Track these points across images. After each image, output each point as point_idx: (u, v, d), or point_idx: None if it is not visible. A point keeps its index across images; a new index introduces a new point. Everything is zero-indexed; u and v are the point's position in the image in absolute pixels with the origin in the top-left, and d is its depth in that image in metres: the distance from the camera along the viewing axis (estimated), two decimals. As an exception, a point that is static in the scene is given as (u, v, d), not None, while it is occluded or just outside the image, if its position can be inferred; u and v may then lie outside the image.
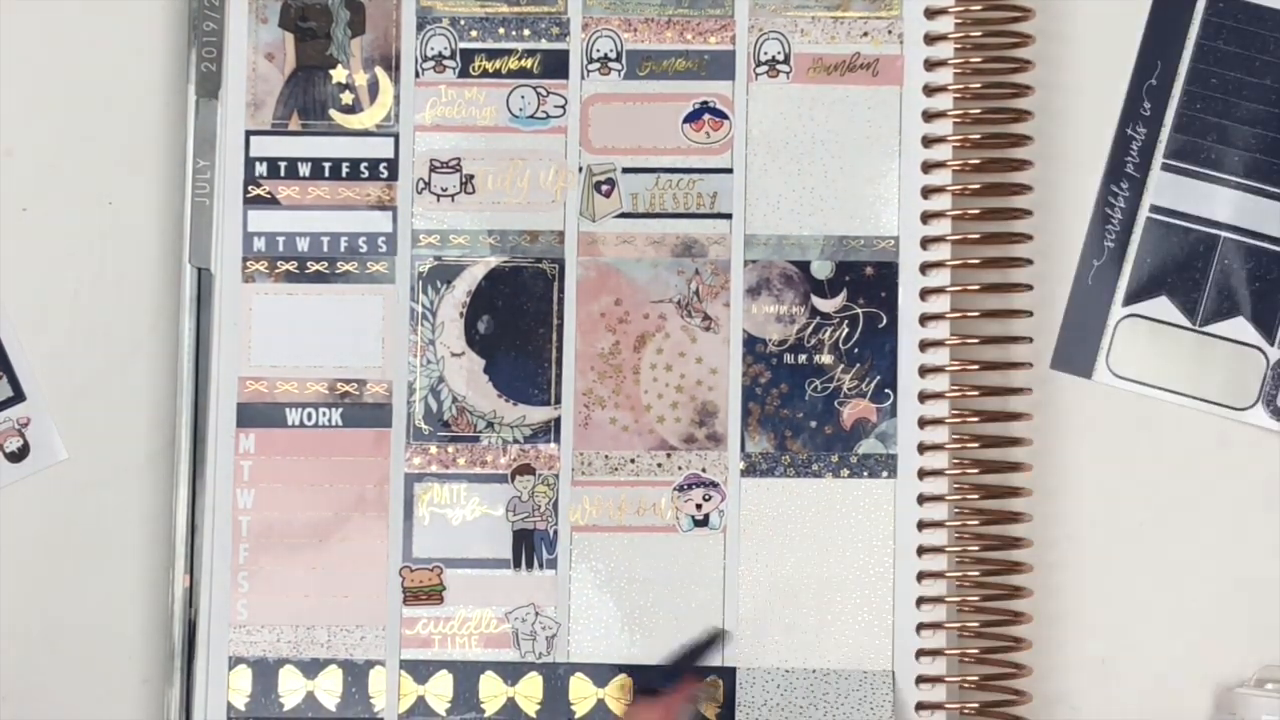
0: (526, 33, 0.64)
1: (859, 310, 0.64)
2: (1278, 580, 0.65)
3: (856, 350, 0.64)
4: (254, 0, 0.64)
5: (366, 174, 0.64)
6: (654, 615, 0.63)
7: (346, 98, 0.64)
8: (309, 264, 0.64)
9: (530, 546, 0.63)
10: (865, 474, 0.63)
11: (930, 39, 0.64)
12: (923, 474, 0.63)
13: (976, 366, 0.63)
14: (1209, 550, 0.65)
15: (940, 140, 0.64)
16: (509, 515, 0.63)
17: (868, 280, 0.64)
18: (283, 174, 0.64)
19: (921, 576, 0.63)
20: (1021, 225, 0.64)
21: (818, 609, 0.63)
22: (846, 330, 0.64)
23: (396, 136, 0.64)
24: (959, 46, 0.64)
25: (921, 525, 0.63)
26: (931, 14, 0.64)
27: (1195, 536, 0.65)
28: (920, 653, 0.62)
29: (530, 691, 0.63)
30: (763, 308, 0.64)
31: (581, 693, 0.63)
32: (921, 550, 0.63)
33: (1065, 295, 0.66)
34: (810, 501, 0.63)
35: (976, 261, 0.64)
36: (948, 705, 0.62)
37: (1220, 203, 0.65)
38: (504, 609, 0.63)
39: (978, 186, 0.64)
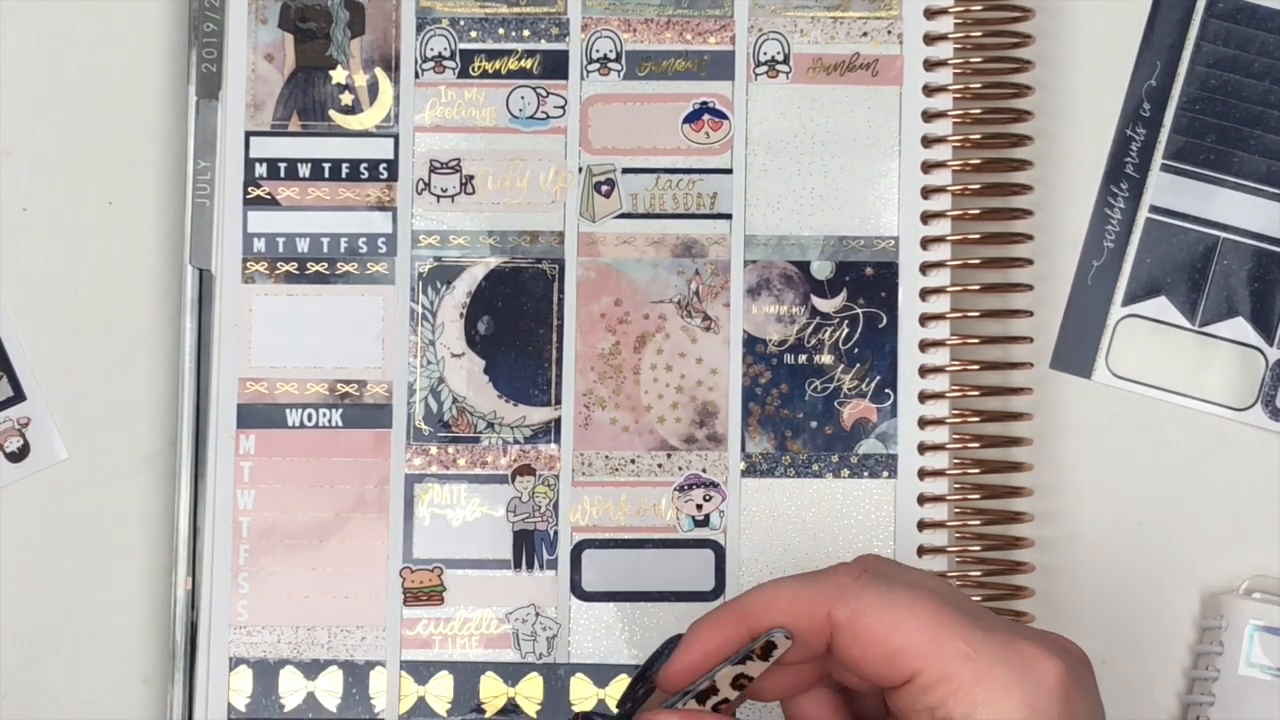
0: (526, 33, 0.64)
1: (859, 310, 0.64)
2: (1279, 581, 0.65)
3: (856, 350, 0.64)
4: (254, 1, 0.64)
5: (366, 175, 0.64)
6: (654, 615, 0.63)
7: (346, 98, 0.64)
8: (309, 265, 0.64)
9: (530, 547, 0.63)
10: (865, 474, 0.63)
11: (930, 39, 0.64)
12: (923, 474, 0.63)
13: (977, 366, 0.63)
14: (1209, 550, 0.65)
15: (940, 140, 0.64)
16: (509, 516, 0.63)
17: (868, 280, 0.64)
18: (282, 175, 0.64)
19: (921, 577, 0.63)
20: (1021, 225, 0.64)
21: (818, 609, 0.63)
22: (846, 330, 0.64)
23: (396, 137, 0.64)
24: (959, 46, 0.64)
25: (922, 525, 0.63)
26: (931, 14, 0.64)
27: (1195, 536, 0.65)
28: (920, 653, 0.62)
29: (531, 692, 0.63)
30: (763, 308, 0.64)
31: (582, 693, 0.63)
32: (922, 550, 0.63)
33: (1065, 295, 0.66)
34: (810, 502, 0.63)
35: (976, 261, 0.64)
36: (948, 705, 0.62)
37: (1220, 203, 0.65)
38: (504, 610, 0.63)
39: (978, 186, 0.64)
